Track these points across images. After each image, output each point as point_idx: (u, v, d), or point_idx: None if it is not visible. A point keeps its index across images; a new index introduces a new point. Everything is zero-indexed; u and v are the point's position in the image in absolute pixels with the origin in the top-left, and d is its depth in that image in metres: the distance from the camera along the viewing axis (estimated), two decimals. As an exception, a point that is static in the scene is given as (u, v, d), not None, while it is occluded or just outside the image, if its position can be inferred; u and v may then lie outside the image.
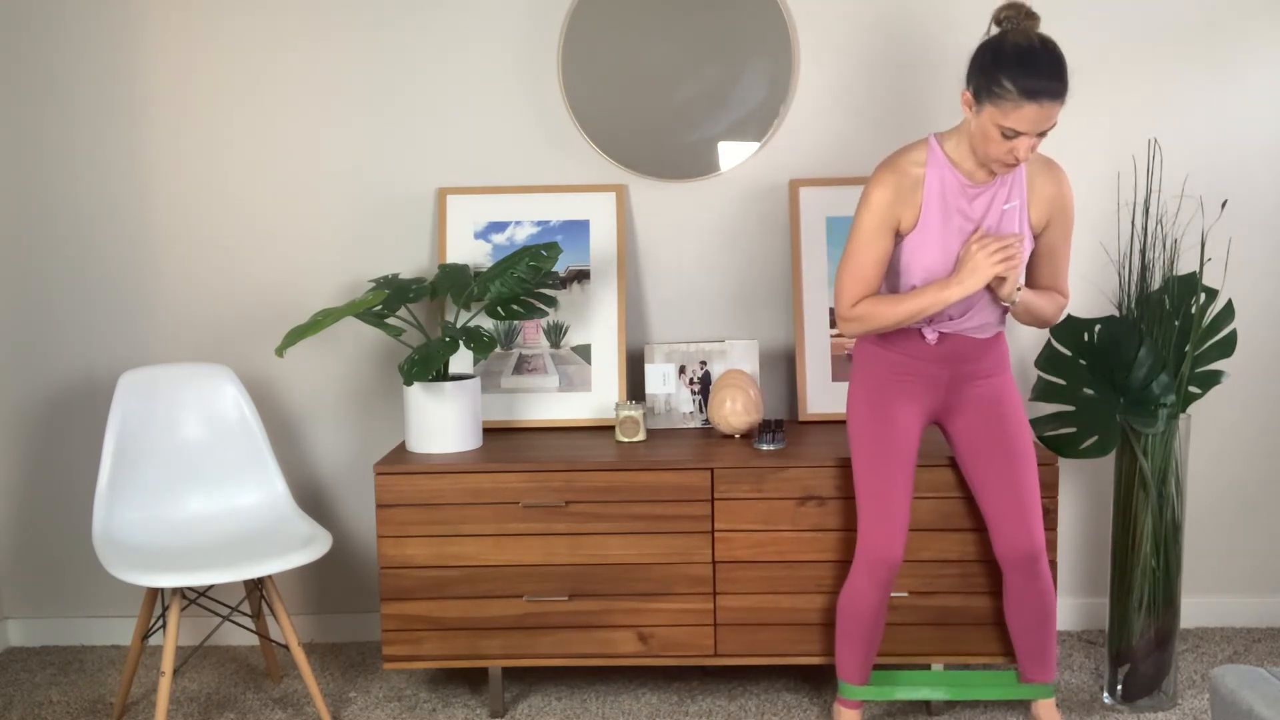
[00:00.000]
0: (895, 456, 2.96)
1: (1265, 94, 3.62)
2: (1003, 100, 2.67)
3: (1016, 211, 2.87)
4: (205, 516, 3.41)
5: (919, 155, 2.86)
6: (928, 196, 2.84)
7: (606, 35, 3.62)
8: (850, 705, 3.12)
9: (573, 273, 3.66)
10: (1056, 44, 2.72)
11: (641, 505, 3.22)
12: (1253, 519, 3.78)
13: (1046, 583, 3.01)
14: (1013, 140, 2.70)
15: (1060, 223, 2.93)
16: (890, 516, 2.96)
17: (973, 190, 2.85)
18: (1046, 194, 2.90)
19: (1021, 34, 2.72)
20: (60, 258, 3.75)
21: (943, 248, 2.85)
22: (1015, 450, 2.98)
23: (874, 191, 2.85)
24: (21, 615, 3.90)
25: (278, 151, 3.70)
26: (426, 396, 3.33)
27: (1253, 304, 3.65)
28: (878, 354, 2.99)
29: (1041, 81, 2.65)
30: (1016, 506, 2.97)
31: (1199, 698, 3.35)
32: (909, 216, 2.85)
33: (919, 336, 2.94)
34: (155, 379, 3.47)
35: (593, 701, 3.42)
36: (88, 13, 3.64)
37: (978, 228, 2.85)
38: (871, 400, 2.99)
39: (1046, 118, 2.68)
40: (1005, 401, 3.00)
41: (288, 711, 3.42)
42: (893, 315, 2.87)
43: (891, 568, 2.98)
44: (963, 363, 2.97)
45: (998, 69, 2.68)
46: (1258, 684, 2.16)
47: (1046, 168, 2.92)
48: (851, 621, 3.04)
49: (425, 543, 3.25)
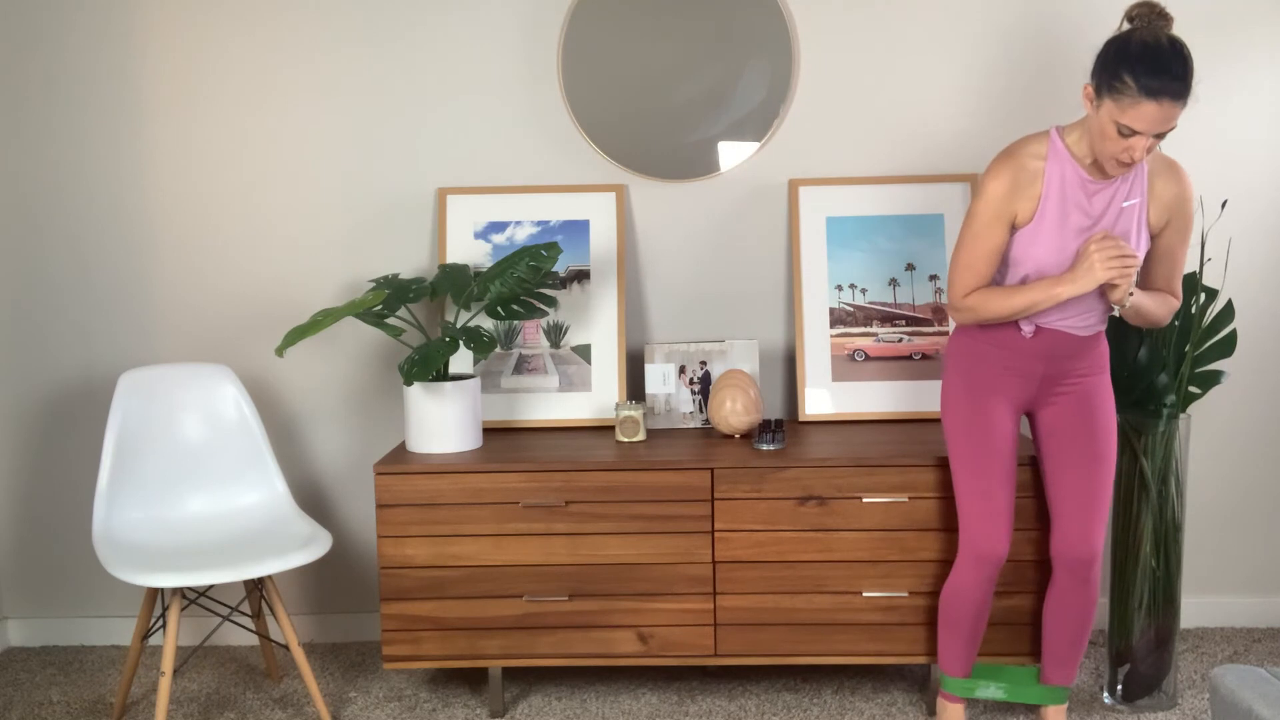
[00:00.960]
0: (994, 450, 2.94)
1: (1265, 94, 3.62)
2: (1123, 96, 2.64)
3: (1136, 210, 2.83)
4: (205, 516, 3.41)
5: (1039, 147, 2.84)
6: (1046, 190, 2.81)
7: (606, 35, 3.62)
8: (954, 700, 3.12)
9: (573, 273, 3.66)
10: (1185, 46, 2.69)
11: (641, 505, 3.22)
12: (1253, 519, 3.78)
13: (1094, 589, 3.01)
14: (1129, 139, 2.67)
15: (1179, 225, 2.89)
16: (993, 510, 2.95)
17: (1093, 186, 2.81)
18: (1168, 195, 2.86)
19: (1150, 32, 2.69)
20: (60, 258, 3.75)
21: (1058, 242, 2.82)
22: (1098, 453, 2.96)
23: (990, 182, 2.83)
24: (21, 615, 3.90)
25: (278, 151, 3.70)
26: (426, 396, 3.33)
27: (1253, 304, 3.65)
28: (974, 347, 2.97)
29: (1164, 80, 2.61)
30: (1086, 509, 2.95)
31: (1199, 698, 3.35)
32: (1025, 209, 2.82)
33: (1015, 330, 2.91)
34: (155, 379, 3.47)
35: (593, 701, 3.42)
36: (89, 13, 3.64)
37: (1097, 224, 2.81)
38: (969, 394, 2.97)
39: (1166, 118, 2.64)
40: (1097, 402, 2.97)
41: (288, 711, 3.43)
42: (1005, 307, 2.85)
43: (997, 563, 2.97)
44: (1059, 359, 2.94)
45: (1120, 64, 2.66)
46: (1258, 684, 2.16)
47: (1169, 168, 2.88)
48: (957, 615, 3.03)
49: (425, 543, 3.25)
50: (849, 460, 3.18)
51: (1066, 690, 3.11)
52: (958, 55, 3.61)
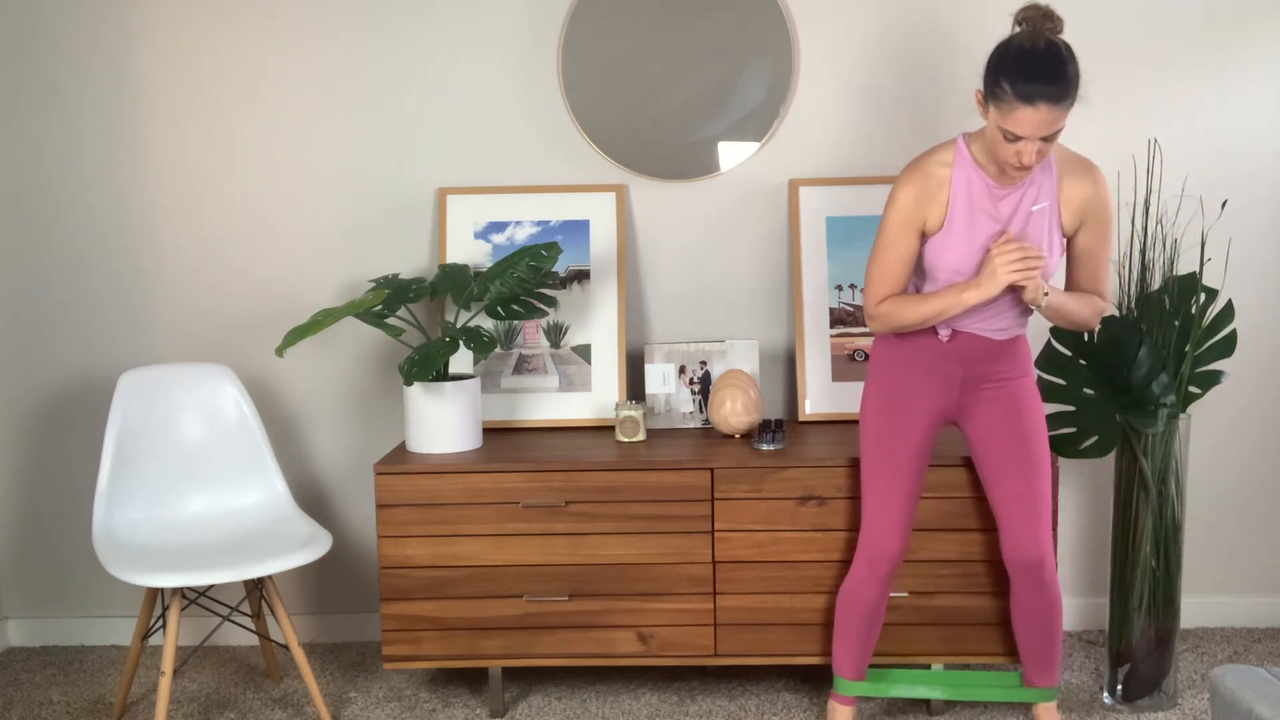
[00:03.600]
0: (901, 453, 2.96)
1: (1265, 94, 3.62)
2: (1002, 102, 2.65)
3: (1046, 214, 2.84)
4: (205, 516, 3.41)
5: (945, 155, 2.85)
6: (953, 197, 2.82)
7: (606, 35, 3.62)
8: (844, 701, 3.12)
9: (573, 273, 3.66)
10: (1064, 47, 2.68)
11: (641, 505, 3.22)
12: (1253, 519, 3.78)
13: (1053, 589, 3.00)
14: (1016, 144, 2.68)
15: (1095, 226, 2.88)
16: (891, 511, 2.96)
17: (999, 191, 2.82)
18: (1079, 196, 2.86)
19: (1029, 36, 2.70)
20: (61, 258, 3.75)
21: (969, 249, 2.83)
22: (1031, 455, 2.96)
23: (899, 191, 2.84)
24: (21, 615, 3.90)
25: (278, 151, 3.70)
26: (426, 396, 3.33)
27: (1253, 304, 3.65)
28: (893, 351, 2.99)
29: (1037, 85, 2.61)
30: (1026, 512, 2.95)
31: (1199, 698, 3.35)
32: (935, 217, 2.84)
33: (932, 334, 2.93)
34: (155, 379, 3.47)
35: (593, 701, 3.42)
36: (89, 14, 3.64)
37: (1004, 230, 2.82)
38: (885, 396, 2.99)
39: (1046, 122, 2.64)
40: (1025, 405, 2.98)
41: (288, 711, 3.42)
42: (915, 314, 2.86)
43: (891, 562, 2.98)
44: (978, 363, 2.95)
45: (999, 71, 2.67)
46: (1258, 684, 2.16)
47: (1081, 170, 2.87)
48: (850, 615, 3.04)
49: (425, 543, 3.25)
50: (849, 460, 3.18)
51: (1054, 690, 3.11)
52: (957, 55, 3.60)
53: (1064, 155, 2.88)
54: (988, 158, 2.80)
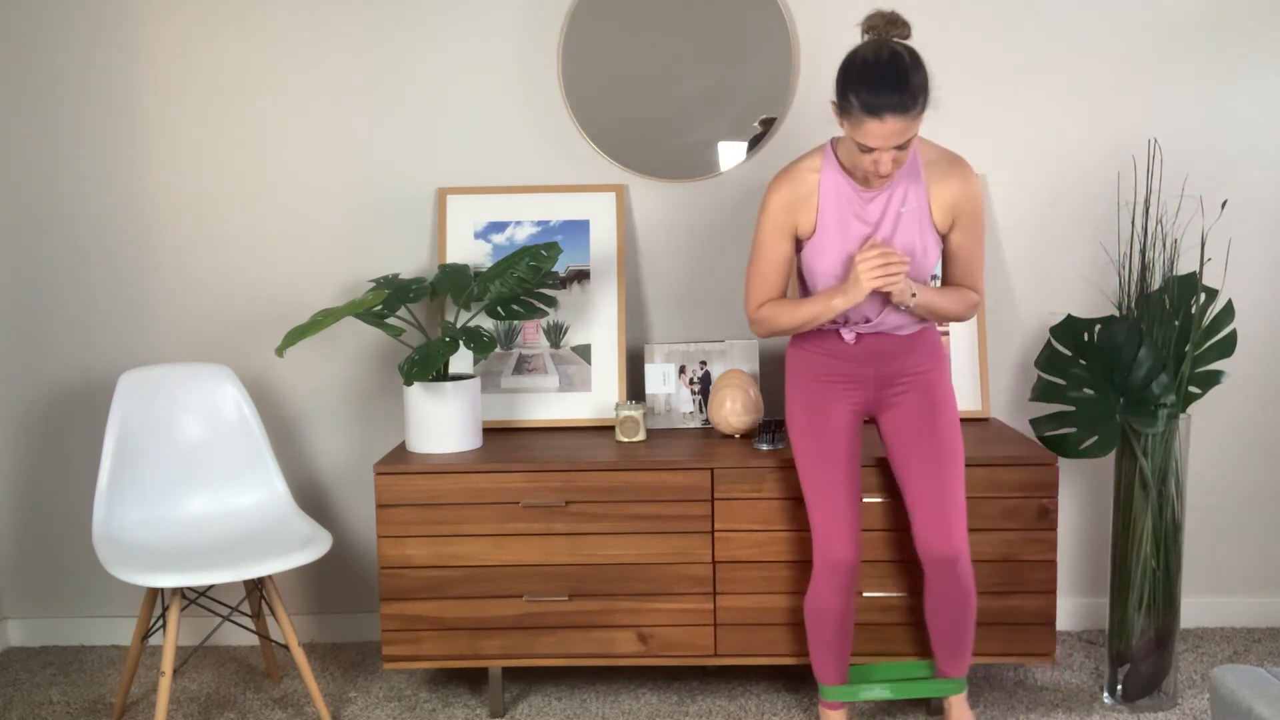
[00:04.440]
0: (835, 458, 2.96)
1: (1265, 94, 3.62)
2: (851, 115, 2.66)
3: (915, 214, 2.84)
4: (205, 516, 3.41)
5: (814, 162, 2.88)
6: (823, 202, 2.84)
7: (607, 35, 3.62)
8: (833, 707, 3.12)
9: (573, 273, 3.66)
10: (909, 55, 2.66)
11: (641, 505, 3.22)
12: (1253, 519, 3.78)
13: (967, 583, 2.98)
14: (871, 154, 2.68)
15: (967, 223, 2.89)
16: (838, 518, 2.95)
17: (866, 195, 2.84)
18: (948, 195, 2.86)
19: (874, 46, 2.69)
20: (61, 258, 3.75)
21: (842, 253, 2.85)
22: (942, 449, 2.95)
23: (769, 198, 2.88)
24: (21, 615, 3.90)
25: (278, 151, 3.70)
26: (426, 396, 3.33)
27: (1253, 304, 3.65)
28: (805, 356, 3.00)
29: (882, 96, 2.61)
30: (940, 507, 2.93)
31: (1199, 698, 3.35)
32: (806, 221, 2.86)
33: (838, 336, 2.94)
34: (155, 379, 3.47)
35: (593, 701, 3.42)
36: (88, 13, 3.64)
37: (877, 231, 2.83)
38: (805, 403, 3.00)
39: (895, 132, 2.64)
40: (936, 399, 2.97)
41: (288, 711, 3.43)
42: (790, 319, 2.90)
43: (848, 568, 2.96)
44: (888, 360, 2.95)
45: (846, 84, 2.68)
46: (1258, 684, 2.16)
47: (950, 168, 2.88)
48: (820, 626, 3.03)
49: (425, 543, 3.25)
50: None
51: (963, 681, 3.09)
52: (958, 54, 3.61)
53: (932, 155, 2.88)
54: (852, 162, 2.81)
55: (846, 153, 2.82)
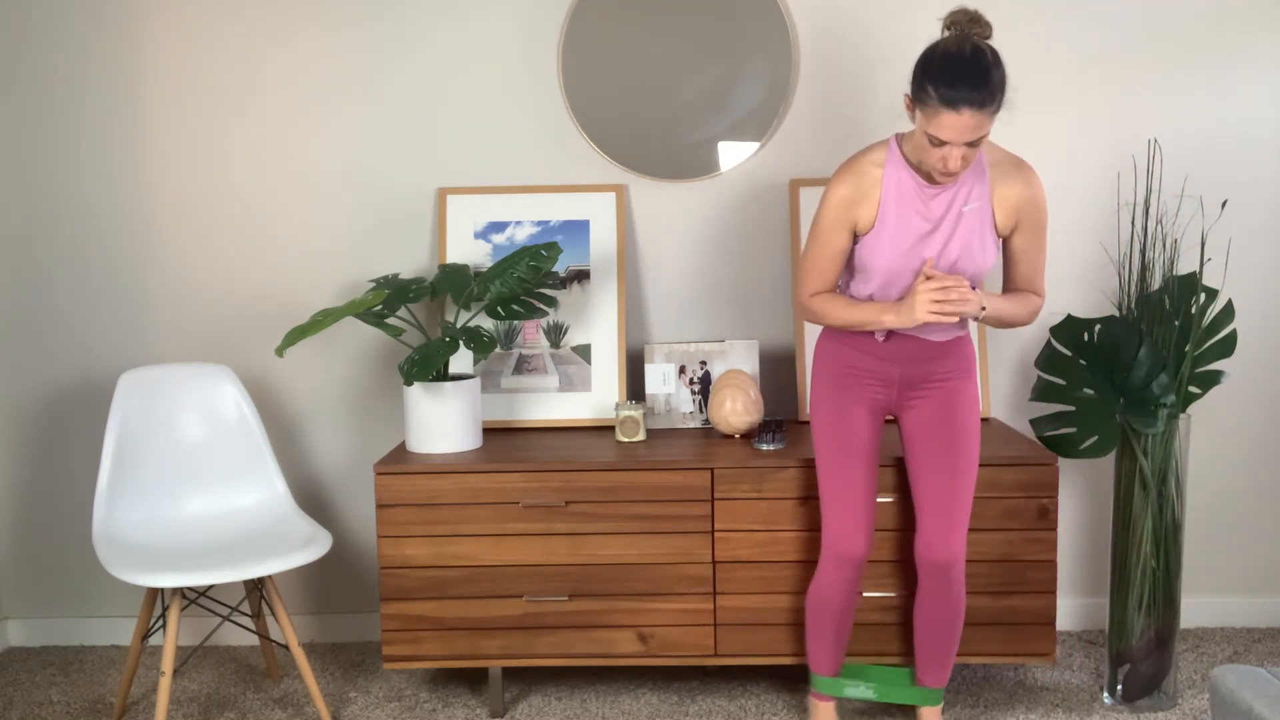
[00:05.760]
0: (854, 451, 2.96)
1: (1265, 94, 3.62)
2: (927, 107, 2.66)
3: (978, 214, 2.84)
4: (205, 516, 3.41)
5: (879, 155, 2.87)
6: (885, 197, 2.83)
7: (607, 35, 3.62)
8: (824, 699, 3.13)
9: (573, 273, 3.66)
10: (990, 52, 2.67)
11: (641, 505, 3.22)
12: (1253, 519, 3.78)
13: (959, 592, 2.99)
14: (942, 148, 2.69)
15: (1030, 226, 2.89)
16: (851, 511, 2.96)
17: (930, 190, 2.83)
18: (1012, 197, 2.86)
19: (955, 40, 2.70)
20: (61, 258, 3.75)
21: (900, 248, 2.84)
22: (957, 457, 2.96)
23: (833, 189, 2.86)
24: (21, 615, 3.90)
25: (278, 152, 3.71)
26: (426, 396, 3.33)
27: (1253, 304, 3.65)
28: (834, 349, 3.00)
29: (962, 90, 2.62)
30: (944, 513, 2.95)
31: (1199, 698, 3.35)
32: (866, 216, 2.85)
33: (869, 333, 2.95)
34: (155, 379, 3.47)
35: (593, 701, 3.42)
36: (87, 13, 3.64)
37: (937, 228, 2.83)
38: (831, 396, 3.00)
39: (970, 127, 2.65)
40: (959, 407, 2.97)
41: (288, 711, 3.43)
42: (838, 318, 2.91)
43: (857, 562, 2.98)
44: (916, 363, 2.95)
45: (924, 76, 2.68)
46: (1258, 684, 2.16)
47: (1014, 169, 2.88)
48: (821, 616, 3.04)
49: (425, 543, 3.25)
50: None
51: (940, 691, 3.11)
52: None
53: (997, 156, 2.88)
54: (919, 158, 2.81)
55: (913, 147, 2.80)
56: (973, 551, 3.18)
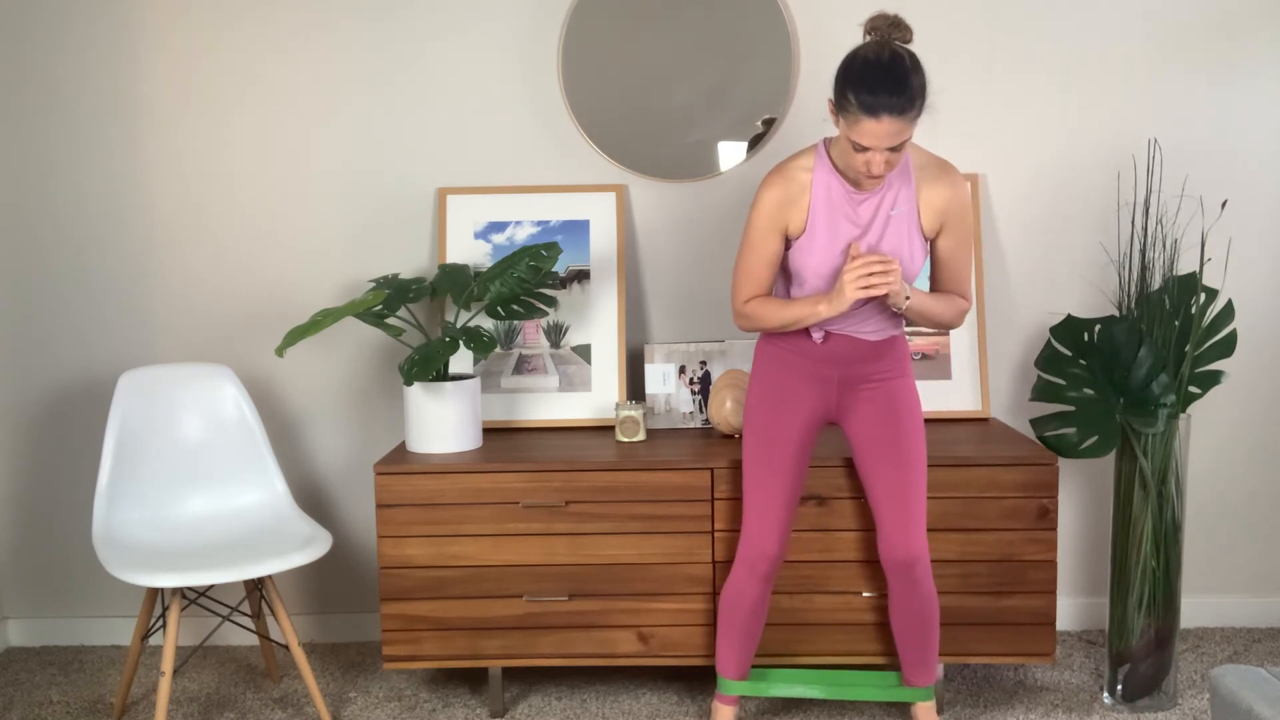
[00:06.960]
0: (780, 453, 2.97)
1: (1265, 94, 3.62)
2: (848, 113, 2.67)
3: (905, 218, 2.85)
4: (205, 516, 3.41)
5: (807, 160, 2.87)
6: (814, 202, 2.84)
7: (607, 35, 3.62)
8: (727, 701, 3.14)
9: (573, 273, 3.66)
10: (909, 58, 2.67)
11: (641, 505, 3.22)
12: (1253, 519, 3.78)
13: (927, 589, 3.00)
14: (865, 154, 2.69)
15: (956, 228, 2.90)
16: (768, 512, 2.98)
17: (858, 196, 2.84)
18: (938, 200, 2.87)
19: (875, 47, 2.70)
20: (61, 258, 3.75)
21: (831, 252, 2.85)
22: (905, 456, 2.96)
23: (763, 194, 2.87)
24: (21, 615, 3.90)
25: (278, 152, 3.71)
26: (426, 396, 3.33)
27: (1253, 304, 3.65)
28: (772, 351, 3.01)
29: (880, 97, 2.62)
30: (901, 513, 2.96)
31: (1199, 698, 3.35)
32: (797, 221, 2.86)
33: (806, 335, 2.95)
34: (155, 379, 3.47)
35: (593, 701, 3.42)
36: (88, 14, 3.64)
37: (866, 233, 2.83)
38: (764, 396, 3.00)
39: (891, 133, 2.65)
40: (901, 405, 2.98)
41: (288, 711, 3.43)
42: (774, 319, 2.90)
43: (770, 563, 2.99)
44: (853, 364, 2.96)
45: (844, 82, 2.69)
46: (1258, 684, 2.16)
47: (940, 171, 2.88)
48: (732, 616, 3.05)
49: (425, 543, 3.25)
50: (844, 460, 3.17)
51: (930, 689, 3.11)
52: (958, 54, 3.61)
53: (923, 159, 2.89)
54: (845, 162, 2.82)
55: (840, 152, 2.82)
56: (973, 551, 3.18)
